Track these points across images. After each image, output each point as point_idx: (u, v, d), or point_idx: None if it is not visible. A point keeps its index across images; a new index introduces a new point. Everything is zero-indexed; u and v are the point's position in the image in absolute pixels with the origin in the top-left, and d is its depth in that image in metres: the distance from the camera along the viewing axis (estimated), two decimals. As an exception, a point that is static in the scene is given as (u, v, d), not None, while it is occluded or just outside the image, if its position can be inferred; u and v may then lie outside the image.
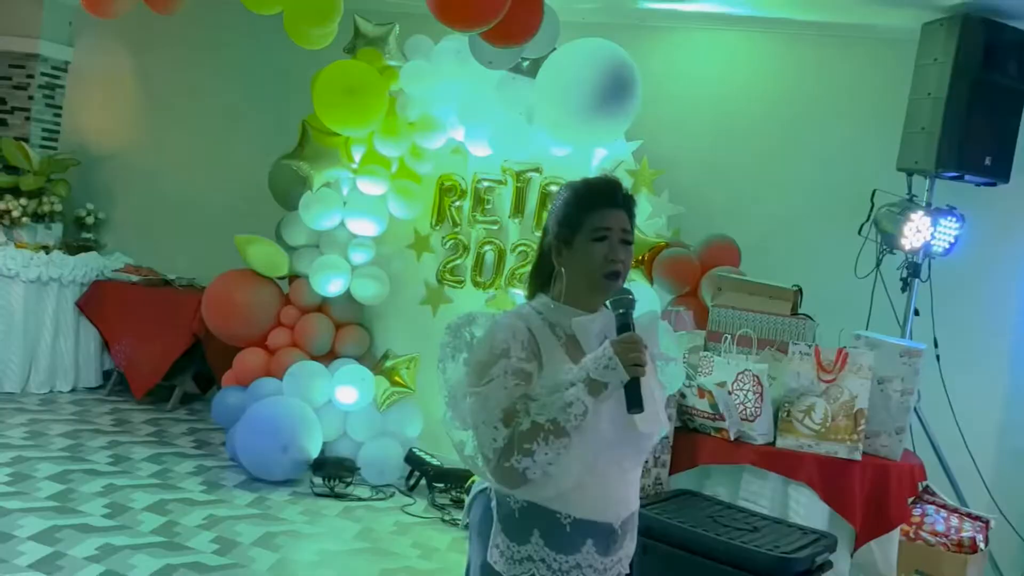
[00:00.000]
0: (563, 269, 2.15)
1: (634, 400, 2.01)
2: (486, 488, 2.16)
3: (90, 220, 7.53)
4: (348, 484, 5.37)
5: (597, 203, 2.14)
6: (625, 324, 2.06)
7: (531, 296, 2.25)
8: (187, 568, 4.04)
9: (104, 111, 7.85)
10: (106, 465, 5.32)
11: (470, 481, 5.09)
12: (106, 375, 7.19)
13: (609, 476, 2.11)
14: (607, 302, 2.11)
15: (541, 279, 2.23)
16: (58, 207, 7.29)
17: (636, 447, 2.15)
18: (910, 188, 4.89)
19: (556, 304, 2.16)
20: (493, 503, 2.11)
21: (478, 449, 2.00)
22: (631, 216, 2.18)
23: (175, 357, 6.72)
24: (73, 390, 6.94)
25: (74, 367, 7.00)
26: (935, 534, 4.13)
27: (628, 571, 2.22)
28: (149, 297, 6.90)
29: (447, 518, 5.14)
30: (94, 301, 6.99)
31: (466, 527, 4.88)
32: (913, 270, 4.86)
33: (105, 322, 6.98)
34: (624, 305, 2.08)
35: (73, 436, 5.81)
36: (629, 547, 2.20)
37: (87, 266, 7.05)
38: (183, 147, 7.48)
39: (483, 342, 2.07)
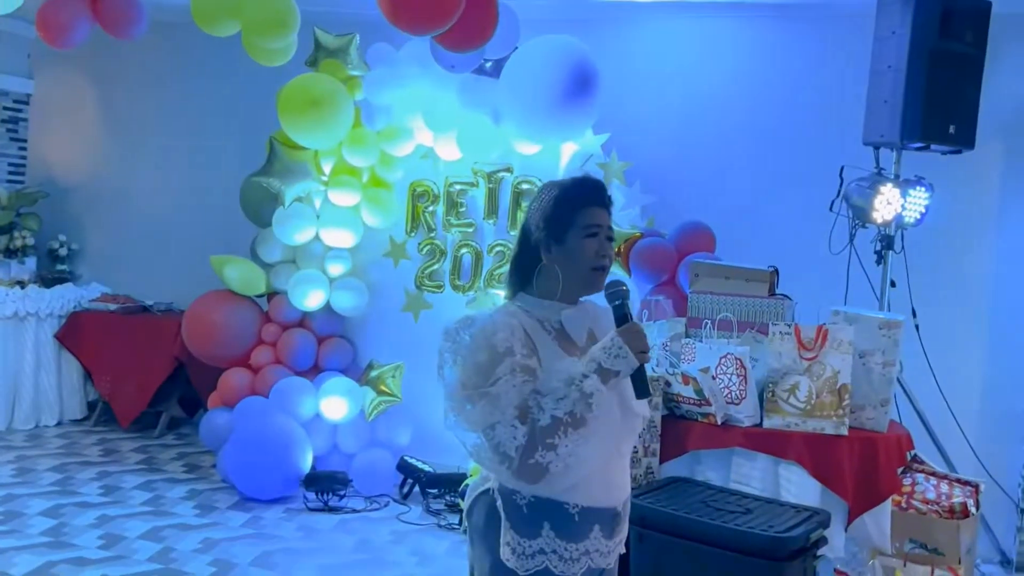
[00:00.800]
0: (554, 264, 2.20)
1: (643, 387, 2.12)
2: (488, 489, 2.19)
3: (63, 252, 7.49)
4: (341, 497, 5.37)
5: (589, 201, 2.22)
6: (624, 315, 2.15)
7: (512, 295, 2.28)
8: (186, 593, 4.04)
9: (70, 142, 7.80)
10: (97, 496, 5.29)
11: (464, 484, 5.10)
12: (91, 406, 7.14)
13: (611, 462, 2.20)
14: (604, 294, 2.20)
15: (521, 277, 2.26)
16: (30, 241, 7.25)
17: (632, 430, 2.25)
18: (877, 161, 4.93)
19: (540, 300, 2.22)
20: (499, 503, 2.14)
21: (496, 449, 2.01)
22: (611, 214, 2.28)
23: (159, 383, 6.68)
24: (59, 423, 6.90)
25: (58, 400, 6.96)
26: (926, 502, 4.16)
27: (625, 551, 2.32)
28: (128, 325, 6.87)
29: (443, 523, 5.15)
30: (73, 333, 6.94)
31: (465, 531, 4.90)
32: (887, 242, 4.90)
33: (86, 353, 6.94)
34: (620, 296, 2.17)
35: (62, 470, 5.77)
36: (626, 528, 2.28)
37: (64, 298, 7.01)
38: (151, 172, 7.45)
39: (482, 343, 2.08)
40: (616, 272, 5.19)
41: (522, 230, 2.28)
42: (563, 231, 2.19)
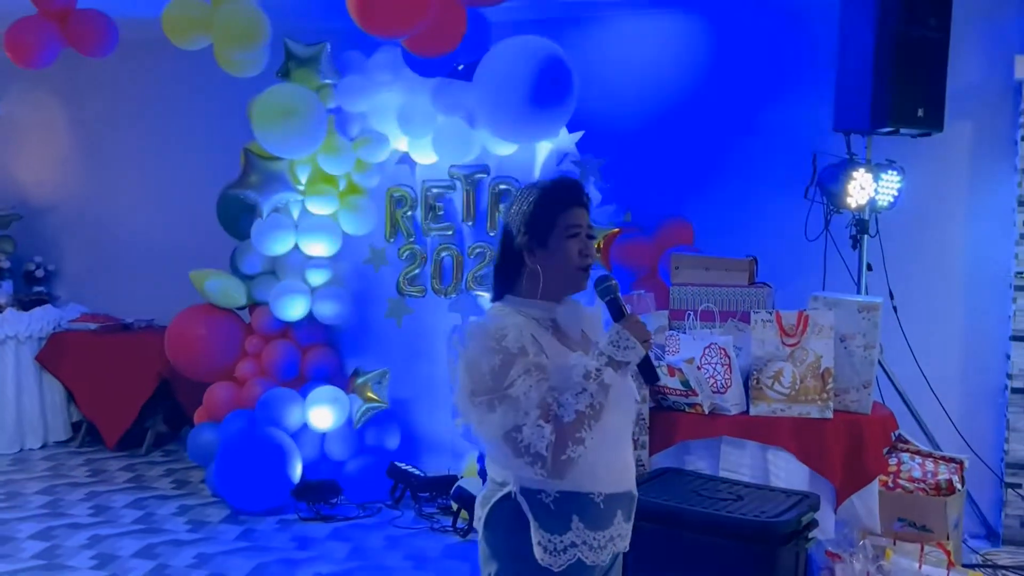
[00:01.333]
0: (538, 267, 2.22)
1: (651, 373, 2.20)
2: (508, 494, 2.19)
3: (40, 273, 7.45)
4: (333, 505, 5.38)
5: (568, 202, 2.25)
6: (620, 307, 2.20)
7: (498, 297, 2.30)
8: (184, 609, 4.04)
9: (41, 162, 7.76)
10: (88, 517, 5.27)
11: (455, 486, 5.12)
12: (75, 427, 7.10)
13: (623, 446, 2.27)
14: (596, 290, 2.24)
15: (506, 280, 2.29)
16: (6, 264, 7.21)
17: (634, 415, 2.32)
18: (849, 147, 4.99)
19: (529, 300, 2.24)
20: (524, 505, 2.16)
21: (527, 451, 2.03)
22: (590, 212, 2.31)
23: (143, 401, 6.65)
24: (44, 446, 6.86)
25: (42, 423, 6.92)
26: (912, 480, 4.22)
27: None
28: (110, 343, 6.84)
29: (436, 526, 5.17)
30: (54, 354, 6.91)
31: (463, 534, 4.91)
32: (861, 227, 4.96)
33: (68, 374, 6.91)
34: (611, 291, 2.22)
35: (50, 492, 5.74)
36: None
37: (43, 320, 6.97)
38: (125, 189, 7.42)
39: (494, 347, 2.09)
40: (597, 268, 5.26)
41: (503, 234, 2.29)
42: (545, 234, 2.22)
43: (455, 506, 5.11)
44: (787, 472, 3.87)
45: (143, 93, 7.29)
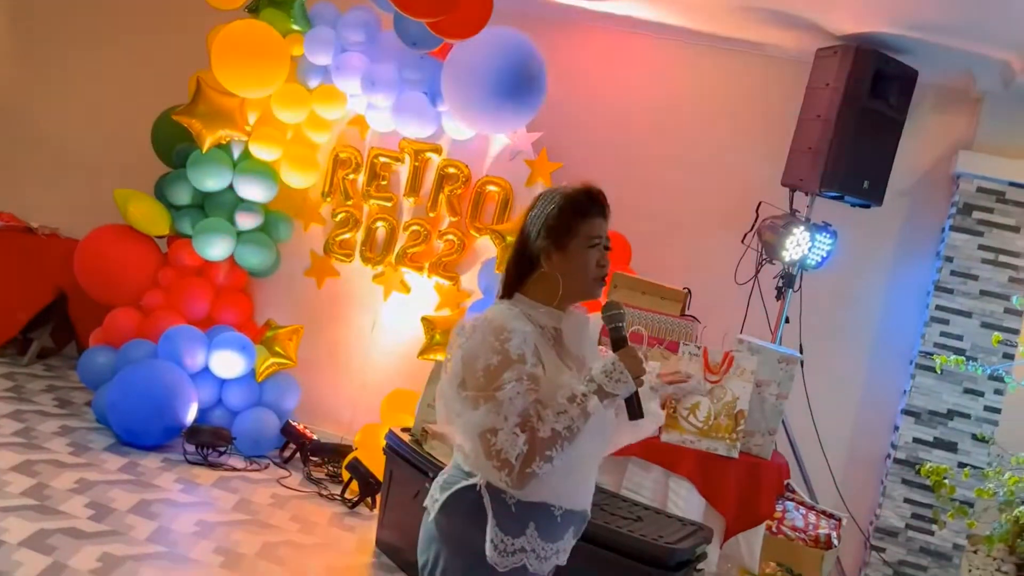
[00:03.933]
0: (556, 273, 2.24)
1: (637, 409, 2.20)
2: (473, 485, 2.20)
3: (-57, 158, 7.07)
4: (221, 454, 5.27)
5: (592, 212, 2.27)
6: (622, 338, 2.21)
7: (506, 295, 2.31)
8: (63, 534, 3.88)
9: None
10: (-37, 420, 5.04)
11: (349, 458, 5.10)
12: (-46, 323, 6.75)
13: (591, 470, 2.31)
14: (602, 316, 2.25)
15: (518, 280, 2.30)
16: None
17: (608, 444, 2.37)
18: (791, 203, 5.16)
19: (536, 304, 2.26)
20: (486, 500, 2.17)
21: (497, 455, 2.04)
22: (608, 223, 2.33)
23: (37, 310, 6.36)
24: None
25: (-81, 314, 6.55)
26: (795, 529, 4.41)
27: None
28: (10, 244, 6.50)
29: (324, 493, 5.13)
30: (-54, 245, 6.55)
31: (352, 506, 4.89)
32: (788, 280, 5.14)
33: (-42, 268, 6.56)
34: (619, 320, 2.23)
35: (-78, 387, 5.47)
36: None
37: (-60, 207, 6.61)
38: (57, 89, 7.07)
39: (496, 347, 2.10)
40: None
41: (521, 234, 2.31)
42: (566, 241, 2.24)
43: (347, 476, 5.08)
44: (685, 501, 4.01)
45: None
